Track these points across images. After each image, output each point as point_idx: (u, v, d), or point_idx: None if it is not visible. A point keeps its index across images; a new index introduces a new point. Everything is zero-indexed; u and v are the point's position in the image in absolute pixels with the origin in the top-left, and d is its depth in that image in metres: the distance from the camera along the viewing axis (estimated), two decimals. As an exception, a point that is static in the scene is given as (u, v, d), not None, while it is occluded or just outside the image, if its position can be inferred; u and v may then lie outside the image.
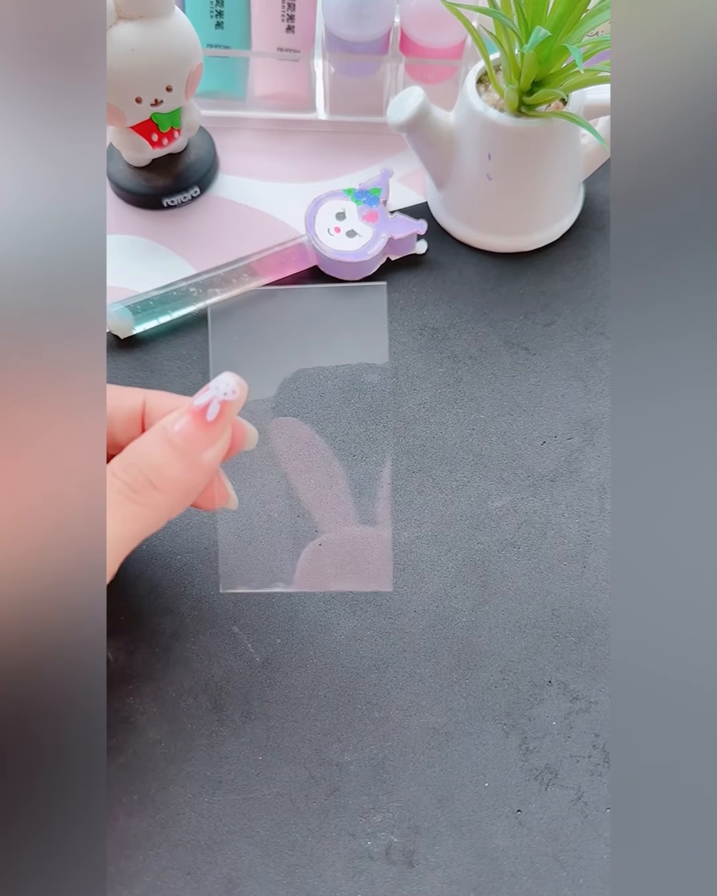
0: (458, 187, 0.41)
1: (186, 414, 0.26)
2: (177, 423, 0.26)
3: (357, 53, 0.44)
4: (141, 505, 0.25)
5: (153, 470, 0.26)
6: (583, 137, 0.41)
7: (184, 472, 0.26)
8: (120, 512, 0.25)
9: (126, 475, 0.26)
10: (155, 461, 0.26)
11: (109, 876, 0.30)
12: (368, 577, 0.30)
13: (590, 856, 0.30)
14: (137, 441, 0.26)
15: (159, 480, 0.26)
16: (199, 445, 0.26)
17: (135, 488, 0.25)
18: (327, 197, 0.41)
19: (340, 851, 0.30)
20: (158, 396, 0.29)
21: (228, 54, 0.45)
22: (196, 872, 0.30)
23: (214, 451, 0.26)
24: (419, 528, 0.36)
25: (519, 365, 0.40)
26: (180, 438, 0.26)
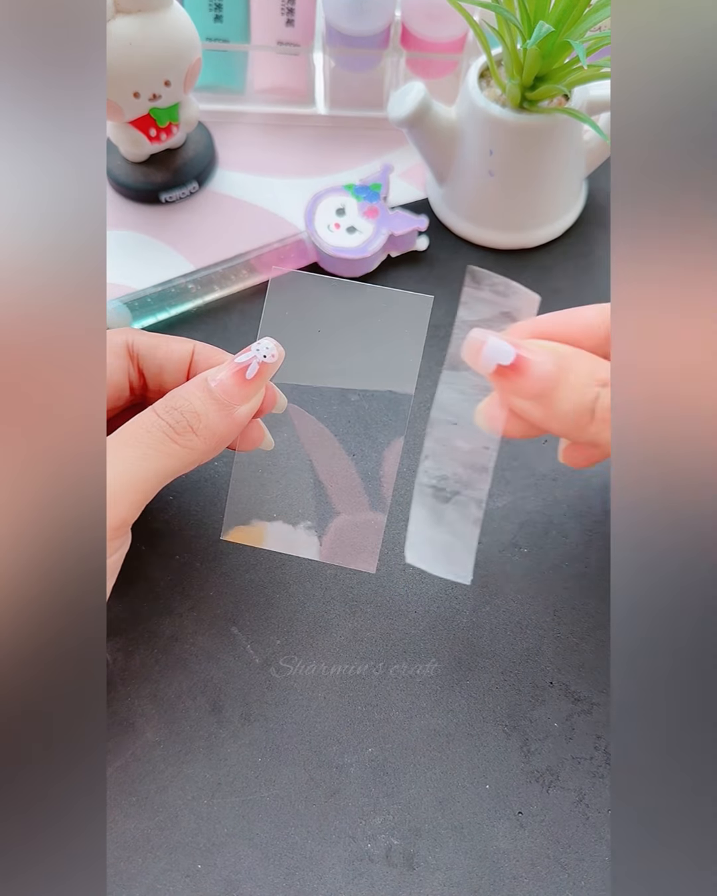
0: (459, 183, 0.41)
1: (227, 369, 0.28)
2: (218, 375, 0.28)
3: (357, 47, 0.43)
4: (180, 445, 0.27)
5: (193, 415, 0.27)
6: (586, 133, 0.41)
7: (220, 422, 0.28)
8: (162, 449, 0.27)
9: (169, 416, 0.27)
10: (195, 408, 0.27)
11: (109, 878, 0.29)
12: (356, 558, 0.31)
13: (592, 858, 0.30)
14: (181, 387, 0.28)
15: (198, 426, 0.27)
16: (235, 399, 0.28)
17: (176, 430, 0.27)
18: (327, 192, 0.41)
19: (340, 854, 0.30)
20: (205, 349, 0.31)
21: (227, 48, 0.44)
22: (195, 875, 0.30)
23: (248, 407, 0.28)
24: (420, 527, 0.36)
25: (520, 363, 0.40)
26: (220, 390, 0.28)
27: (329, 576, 0.35)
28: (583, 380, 0.25)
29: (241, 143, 0.46)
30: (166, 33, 0.36)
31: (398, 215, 0.41)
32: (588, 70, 0.35)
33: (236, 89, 0.46)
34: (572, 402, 0.25)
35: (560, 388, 0.25)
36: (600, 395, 0.25)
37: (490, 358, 0.25)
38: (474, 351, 0.25)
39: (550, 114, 0.37)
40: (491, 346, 0.25)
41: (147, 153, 0.42)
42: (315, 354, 0.33)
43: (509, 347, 0.25)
